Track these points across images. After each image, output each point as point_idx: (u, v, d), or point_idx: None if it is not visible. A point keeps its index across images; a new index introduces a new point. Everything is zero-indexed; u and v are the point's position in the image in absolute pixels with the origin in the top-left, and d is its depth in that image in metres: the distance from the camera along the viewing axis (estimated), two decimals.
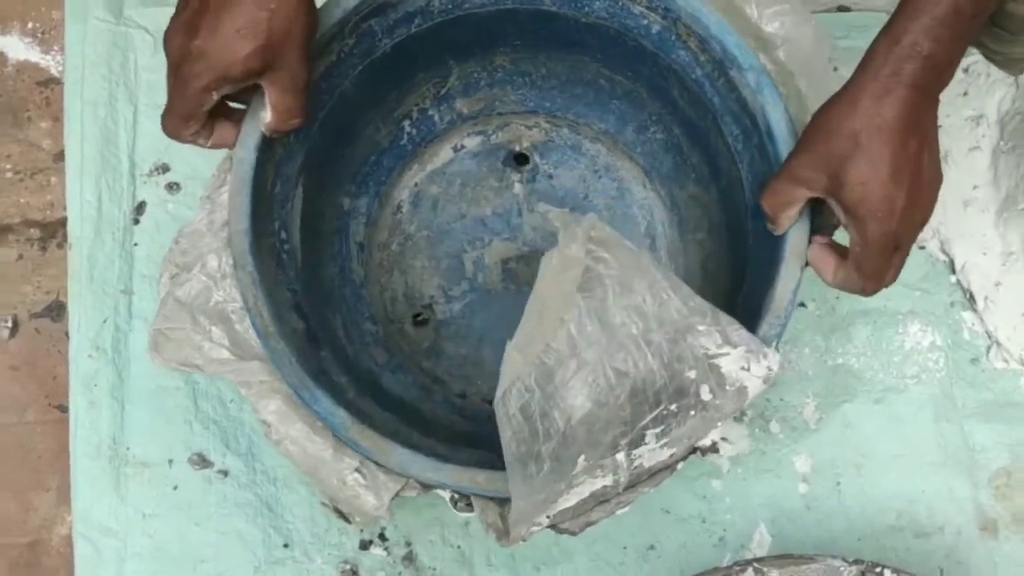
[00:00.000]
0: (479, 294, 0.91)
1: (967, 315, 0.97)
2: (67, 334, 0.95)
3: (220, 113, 0.70)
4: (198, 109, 0.66)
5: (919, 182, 0.63)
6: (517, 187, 0.93)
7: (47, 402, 0.96)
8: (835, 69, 0.83)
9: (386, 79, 0.84)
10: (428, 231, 0.92)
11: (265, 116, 0.69)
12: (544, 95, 0.92)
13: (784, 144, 0.72)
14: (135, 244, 0.97)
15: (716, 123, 0.80)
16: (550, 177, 0.93)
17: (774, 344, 0.69)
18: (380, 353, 0.88)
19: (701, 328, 0.66)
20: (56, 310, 0.98)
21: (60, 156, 1.00)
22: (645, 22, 0.79)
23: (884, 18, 1.03)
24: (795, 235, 0.70)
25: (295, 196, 0.80)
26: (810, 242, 0.70)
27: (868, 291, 0.67)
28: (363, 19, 0.77)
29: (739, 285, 0.80)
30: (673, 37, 0.78)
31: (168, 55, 0.66)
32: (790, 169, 0.67)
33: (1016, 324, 0.95)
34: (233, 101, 0.70)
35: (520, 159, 0.94)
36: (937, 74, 0.62)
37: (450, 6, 0.80)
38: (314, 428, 0.72)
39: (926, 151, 0.63)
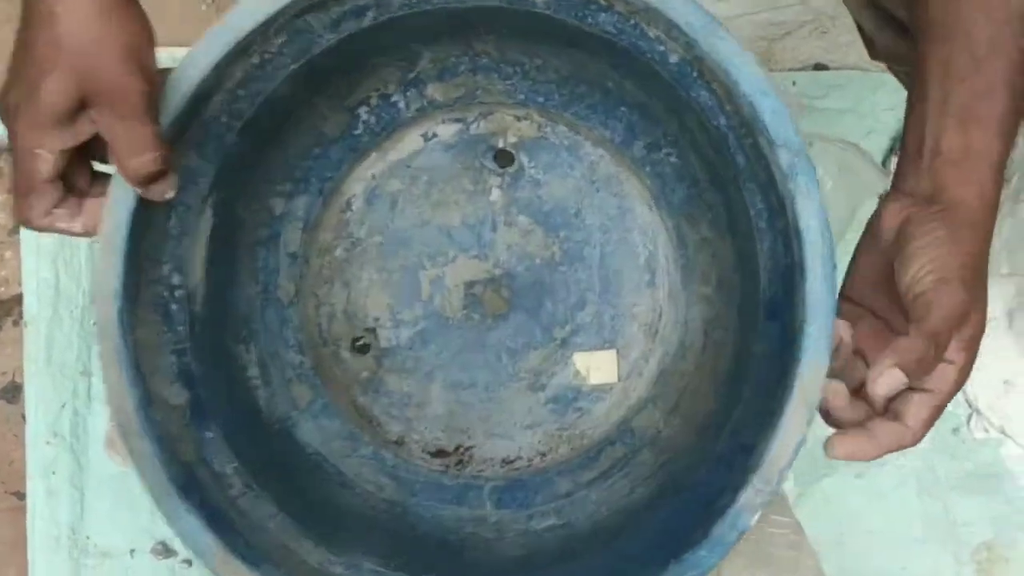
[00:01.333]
0: (434, 321, 0.76)
1: None
2: (23, 416, 0.92)
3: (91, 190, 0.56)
4: (34, 179, 0.52)
5: None
6: (495, 193, 0.76)
7: (3, 488, 0.95)
8: (810, 145, 0.81)
9: (331, 71, 0.68)
10: (381, 237, 0.76)
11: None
12: (538, 88, 0.74)
13: (814, 252, 0.55)
14: (94, 323, 0.93)
15: (737, 185, 0.64)
16: (537, 184, 0.76)
17: (756, 514, 0.55)
18: (304, 392, 0.75)
19: None
20: (12, 392, 0.95)
21: (15, 230, 0.97)
22: (662, 48, 0.61)
23: (860, 77, 1.04)
24: (808, 373, 0.54)
25: (200, 222, 0.66)
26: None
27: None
28: (295, 16, 0.61)
29: (742, 382, 0.65)
30: (695, 73, 0.61)
31: None
32: None
33: (997, 392, 0.94)
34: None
35: (503, 157, 0.76)
36: None
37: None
38: None
39: None
